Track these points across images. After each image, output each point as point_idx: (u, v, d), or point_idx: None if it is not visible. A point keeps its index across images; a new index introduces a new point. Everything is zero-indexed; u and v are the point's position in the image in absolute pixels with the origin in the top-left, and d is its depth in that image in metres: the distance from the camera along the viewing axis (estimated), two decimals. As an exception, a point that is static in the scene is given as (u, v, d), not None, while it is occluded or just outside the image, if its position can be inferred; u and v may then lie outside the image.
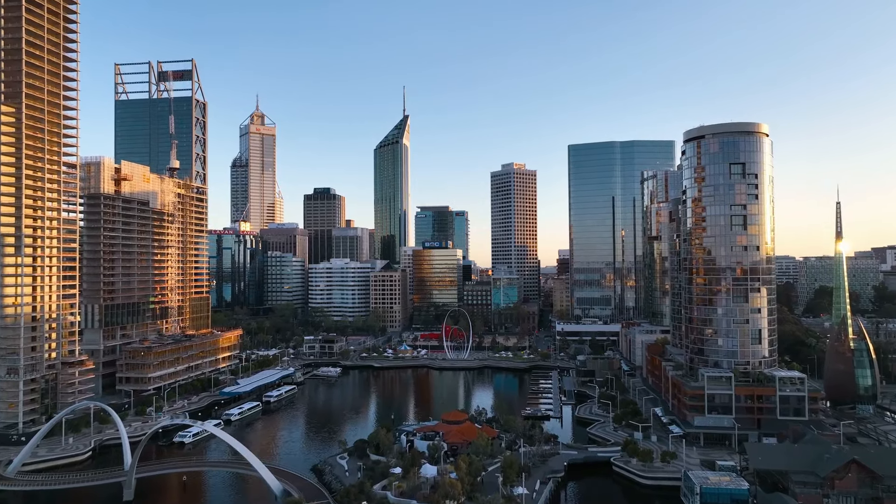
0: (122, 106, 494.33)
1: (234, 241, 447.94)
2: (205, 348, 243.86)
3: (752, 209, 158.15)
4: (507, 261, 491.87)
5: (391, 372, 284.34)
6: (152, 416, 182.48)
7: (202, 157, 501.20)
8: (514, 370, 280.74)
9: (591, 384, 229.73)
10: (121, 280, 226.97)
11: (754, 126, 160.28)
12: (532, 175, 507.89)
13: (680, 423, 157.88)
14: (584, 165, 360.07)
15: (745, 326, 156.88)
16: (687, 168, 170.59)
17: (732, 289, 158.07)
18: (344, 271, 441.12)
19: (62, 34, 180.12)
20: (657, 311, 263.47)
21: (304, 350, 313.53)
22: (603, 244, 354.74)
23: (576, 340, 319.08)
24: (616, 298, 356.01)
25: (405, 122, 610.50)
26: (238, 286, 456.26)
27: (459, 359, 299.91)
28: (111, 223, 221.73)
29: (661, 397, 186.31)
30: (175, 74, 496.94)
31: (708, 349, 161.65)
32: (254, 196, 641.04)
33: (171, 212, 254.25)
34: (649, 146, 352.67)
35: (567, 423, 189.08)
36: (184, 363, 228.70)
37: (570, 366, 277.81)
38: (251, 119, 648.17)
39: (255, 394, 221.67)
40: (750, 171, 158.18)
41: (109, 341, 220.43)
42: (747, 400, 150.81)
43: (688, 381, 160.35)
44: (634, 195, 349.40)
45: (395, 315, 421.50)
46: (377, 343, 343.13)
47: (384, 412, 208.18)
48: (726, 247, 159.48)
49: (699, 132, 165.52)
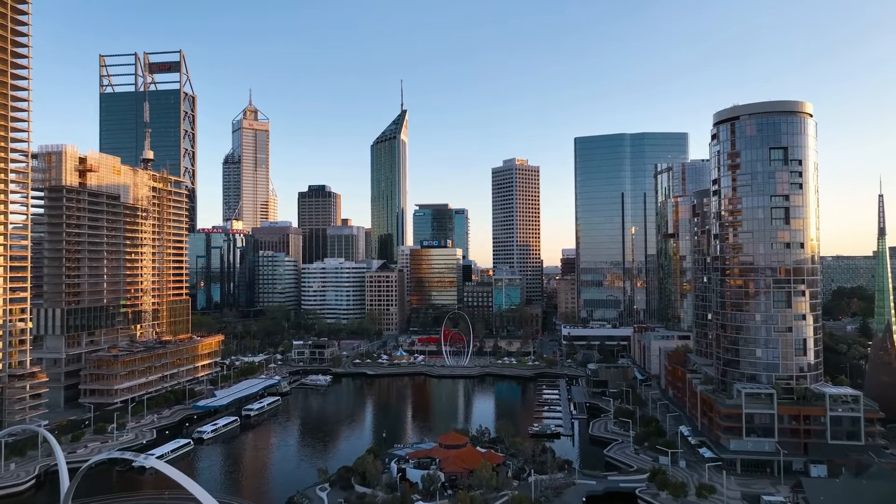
0: (108, 99, 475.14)
1: (223, 239, 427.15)
2: (181, 356, 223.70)
3: (795, 200, 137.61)
4: (508, 260, 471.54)
5: (386, 380, 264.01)
6: (113, 435, 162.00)
7: (191, 153, 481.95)
8: (518, 378, 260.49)
9: (604, 395, 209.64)
10: (87, 281, 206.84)
11: (797, 105, 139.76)
12: (535, 171, 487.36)
13: (712, 447, 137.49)
14: (592, 159, 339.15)
15: (788, 335, 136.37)
16: (718, 154, 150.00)
17: (773, 292, 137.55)
18: (338, 271, 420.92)
19: (10, 4, 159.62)
20: (673, 315, 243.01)
21: (293, 356, 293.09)
22: (611, 242, 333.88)
23: (583, 345, 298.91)
24: (625, 300, 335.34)
25: (403, 118, 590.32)
26: (227, 287, 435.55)
27: (459, 365, 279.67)
28: (76, 218, 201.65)
29: (687, 414, 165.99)
30: (162, 66, 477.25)
31: (743, 361, 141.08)
32: (247, 194, 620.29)
33: (146, 207, 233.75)
34: (661, 138, 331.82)
35: (579, 442, 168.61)
36: (157, 372, 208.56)
37: (578, 373, 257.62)
38: (244, 114, 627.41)
39: (234, 407, 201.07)
40: (793, 157, 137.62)
41: (74, 349, 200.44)
42: (792, 421, 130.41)
43: (721, 398, 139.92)
44: (645, 190, 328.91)
45: (391, 317, 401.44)
46: (371, 348, 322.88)
47: (375, 428, 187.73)
48: (765, 243, 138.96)
49: (733, 113, 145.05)
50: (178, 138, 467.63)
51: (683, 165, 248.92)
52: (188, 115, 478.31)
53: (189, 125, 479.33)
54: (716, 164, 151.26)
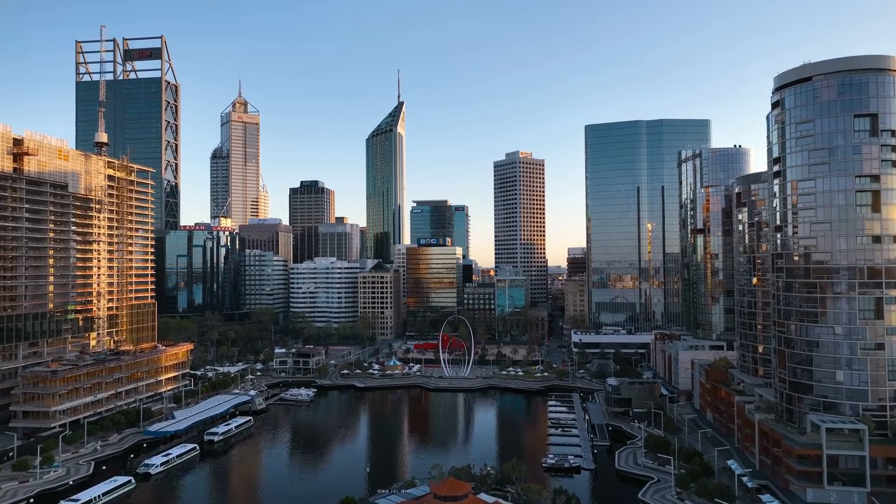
0: (84, 88, 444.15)
1: (205, 237, 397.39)
2: (140, 368, 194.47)
3: (886, 182, 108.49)
4: (512, 260, 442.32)
5: (377, 394, 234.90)
6: (36, 472, 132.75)
7: (174, 145, 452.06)
8: (525, 392, 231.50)
9: (628, 416, 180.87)
10: (25, 283, 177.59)
11: (887, 60, 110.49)
12: (540, 165, 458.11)
13: (779, 494, 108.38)
14: (604, 149, 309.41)
15: (878, 355, 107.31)
16: (781, 127, 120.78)
17: (857, 298, 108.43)
18: (329, 272, 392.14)
19: None
20: (703, 322, 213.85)
21: (275, 366, 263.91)
22: (626, 240, 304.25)
23: (596, 353, 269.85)
24: (642, 304, 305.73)
25: (400, 110, 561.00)
26: (211, 288, 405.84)
27: (459, 377, 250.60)
28: (10, 210, 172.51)
29: (735, 446, 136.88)
30: (143, 53, 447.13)
31: (818, 385, 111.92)
32: (236, 190, 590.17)
33: (101, 198, 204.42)
34: (680, 126, 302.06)
35: (604, 479, 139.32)
36: (108, 389, 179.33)
37: (593, 387, 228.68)
38: (233, 107, 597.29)
39: (197, 429, 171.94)
40: (884, 127, 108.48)
41: (9, 362, 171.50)
42: (889, 466, 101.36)
43: (790, 432, 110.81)
44: (663, 182, 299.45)
45: (386, 321, 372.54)
46: (363, 356, 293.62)
47: (359, 460, 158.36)
48: (847, 237, 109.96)
49: (802, 73, 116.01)
50: (159, 130, 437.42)
51: (714, 151, 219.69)
52: (170, 104, 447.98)
53: (172, 116, 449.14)
54: (778, 139, 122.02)
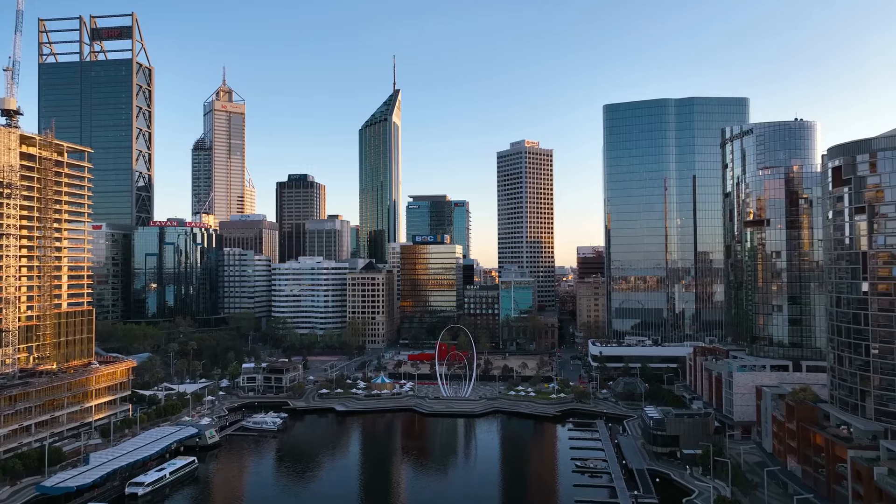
0: (48, 70, 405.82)
1: (179, 234, 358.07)
2: (60, 394, 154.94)
3: None
4: (517, 260, 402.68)
5: (361, 419, 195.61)
6: None
7: (147, 134, 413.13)
8: (539, 418, 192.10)
9: (674, 457, 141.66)
10: None
11: None
12: (548, 155, 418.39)
13: None
14: (626, 132, 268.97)
15: None
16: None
17: None
18: (315, 272, 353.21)
19: None
20: (759, 335, 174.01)
21: (242, 383, 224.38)
22: (651, 236, 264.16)
23: (619, 368, 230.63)
24: (670, 309, 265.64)
25: (395, 98, 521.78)
26: (185, 290, 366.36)
27: (458, 397, 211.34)
28: None
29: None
30: (112, 32, 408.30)
31: None
32: (219, 184, 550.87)
33: (12, 181, 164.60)
34: (714, 104, 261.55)
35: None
36: (9, 423, 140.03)
37: (620, 412, 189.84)
38: (216, 95, 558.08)
39: (118, 478, 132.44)
40: None
41: None
42: None
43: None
44: (695, 171, 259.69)
45: (377, 328, 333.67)
46: (347, 369, 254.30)
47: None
48: None
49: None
50: (129, 116, 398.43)
51: (769, 127, 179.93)
52: (143, 89, 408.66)
53: (144, 101, 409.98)
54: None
